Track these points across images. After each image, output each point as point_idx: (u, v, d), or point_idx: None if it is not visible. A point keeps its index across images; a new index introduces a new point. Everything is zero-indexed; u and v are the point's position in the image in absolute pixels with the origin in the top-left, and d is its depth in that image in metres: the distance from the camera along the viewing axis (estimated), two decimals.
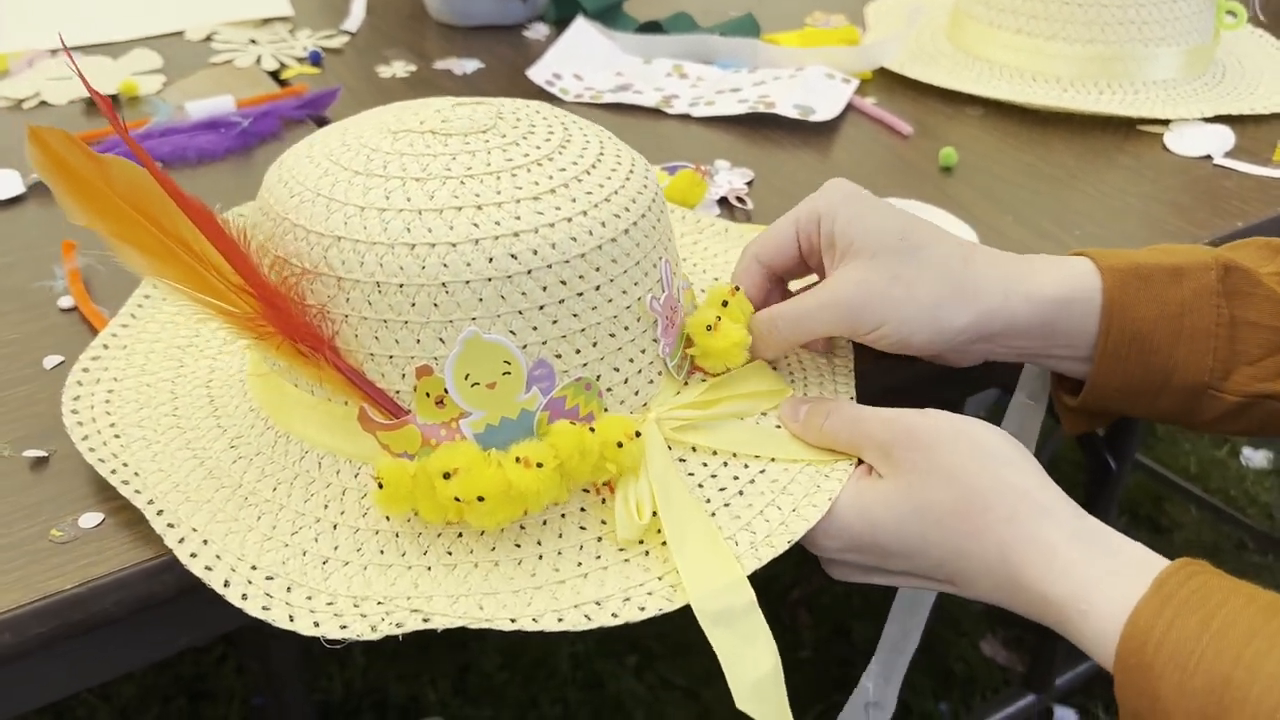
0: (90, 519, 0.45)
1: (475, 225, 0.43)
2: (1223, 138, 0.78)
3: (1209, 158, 0.76)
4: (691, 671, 1.28)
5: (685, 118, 0.82)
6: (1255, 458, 1.63)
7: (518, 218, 0.44)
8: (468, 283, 0.43)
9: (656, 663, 1.29)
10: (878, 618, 0.63)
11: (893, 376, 0.55)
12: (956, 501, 0.43)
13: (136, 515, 0.44)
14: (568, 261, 0.44)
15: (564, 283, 0.44)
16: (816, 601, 1.38)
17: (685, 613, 0.42)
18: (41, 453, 0.49)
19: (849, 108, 0.83)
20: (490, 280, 0.43)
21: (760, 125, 0.80)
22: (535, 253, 0.43)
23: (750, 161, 0.75)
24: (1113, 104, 0.81)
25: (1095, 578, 0.40)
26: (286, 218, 0.45)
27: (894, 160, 0.76)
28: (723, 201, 0.70)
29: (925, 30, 0.94)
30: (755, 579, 0.43)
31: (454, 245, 0.43)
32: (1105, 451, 1.02)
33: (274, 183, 0.47)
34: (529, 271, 0.43)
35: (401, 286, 0.43)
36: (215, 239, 0.42)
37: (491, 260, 0.43)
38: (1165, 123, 0.80)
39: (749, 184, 0.72)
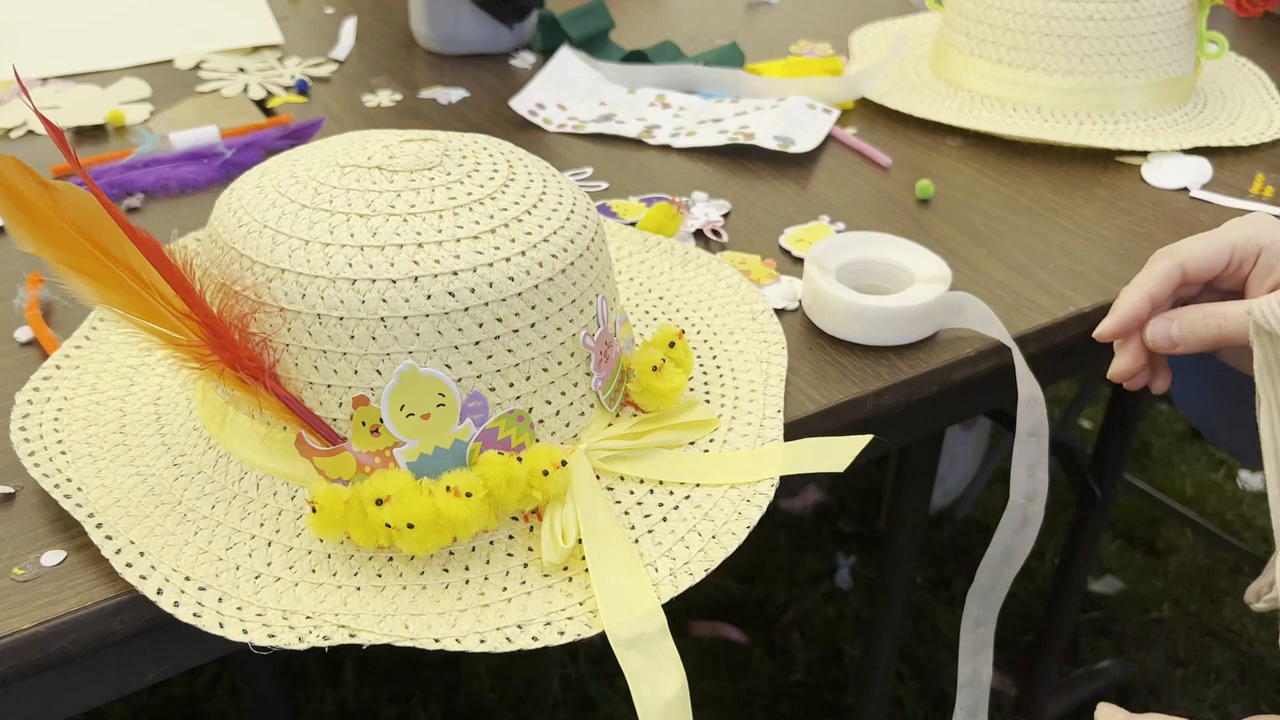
0: (52, 557, 0.46)
1: (415, 263, 0.45)
2: (1200, 170, 0.79)
3: (1186, 190, 0.78)
4: None
5: (666, 148, 0.84)
6: (1252, 481, 1.63)
7: (457, 256, 0.46)
8: (405, 318, 0.45)
9: None
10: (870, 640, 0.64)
11: (860, 410, 0.57)
12: None
13: (98, 553, 0.45)
14: (504, 300, 0.46)
15: (500, 320, 0.46)
16: (808, 624, 1.40)
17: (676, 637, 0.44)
18: (8, 489, 0.50)
19: (829, 139, 0.85)
20: (428, 316, 0.45)
21: (740, 156, 0.82)
22: (473, 291, 0.45)
23: (729, 193, 0.77)
24: (1092, 135, 0.82)
25: None
26: (233, 247, 0.47)
27: (872, 192, 0.78)
28: (698, 234, 0.72)
29: (909, 60, 0.96)
30: (746, 602, 0.45)
31: (394, 281, 0.45)
32: (1090, 478, 1.02)
33: (224, 211, 0.49)
34: (466, 309, 0.45)
35: (341, 319, 0.45)
36: (161, 267, 0.44)
37: (430, 297, 0.45)
38: (1144, 154, 0.82)
39: (725, 215, 0.74)
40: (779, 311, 0.63)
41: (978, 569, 0.64)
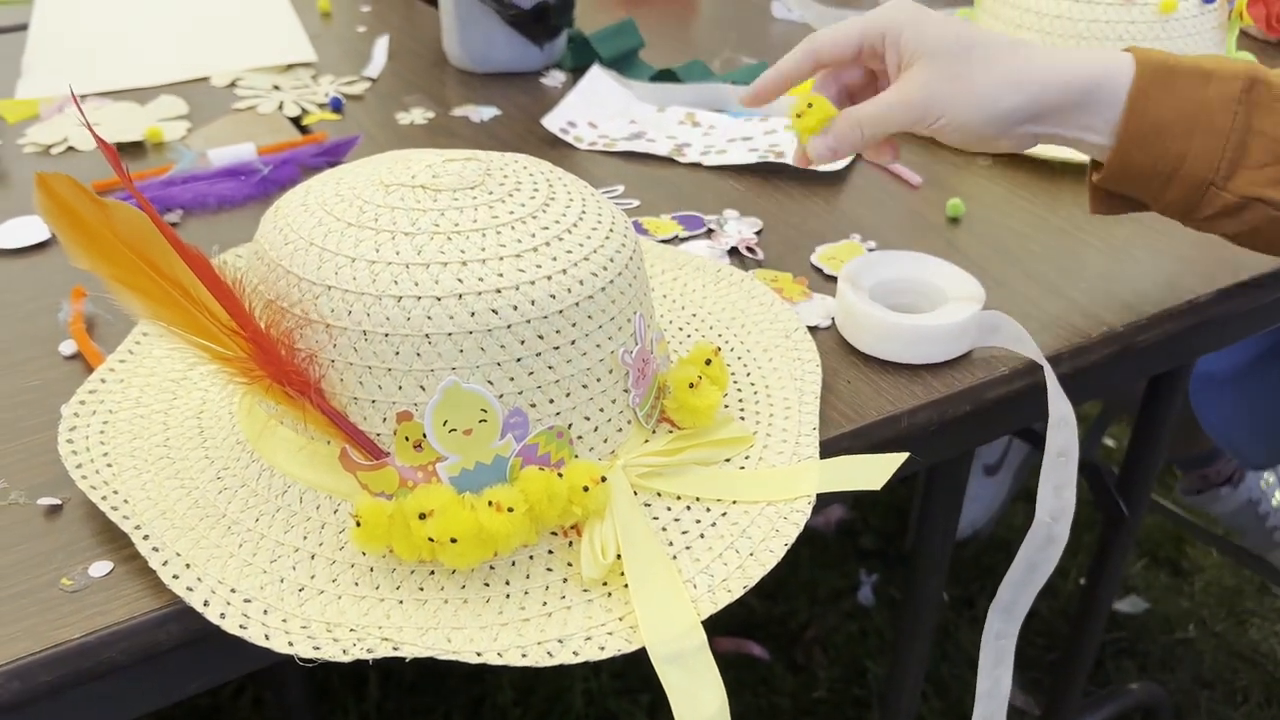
0: (100, 568, 0.47)
1: (459, 280, 0.46)
2: None
3: None
4: None
5: (696, 166, 0.85)
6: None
7: (500, 274, 0.46)
8: (449, 335, 0.45)
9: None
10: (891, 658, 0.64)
11: (894, 428, 0.58)
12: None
13: (145, 565, 0.46)
14: (545, 317, 0.47)
15: (541, 337, 0.47)
16: (830, 641, 1.39)
17: None
18: (55, 500, 0.50)
19: (858, 158, 0.86)
20: (471, 333, 0.45)
21: (770, 174, 0.83)
22: (515, 308, 0.46)
23: (759, 211, 0.78)
24: None
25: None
26: (280, 264, 0.48)
27: (902, 211, 0.78)
28: (733, 252, 0.72)
29: None
30: (769, 619, 0.45)
31: (438, 299, 0.45)
32: (1118, 496, 1.02)
33: (270, 229, 0.50)
34: (508, 326, 0.46)
35: (387, 336, 0.45)
36: (210, 284, 0.45)
37: (473, 314, 0.45)
38: None
39: (758, 233, 0.75)
40: (812, 329, 0.63)
41: (1001, 584, 0.64)
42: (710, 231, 0.74)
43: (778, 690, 1.33)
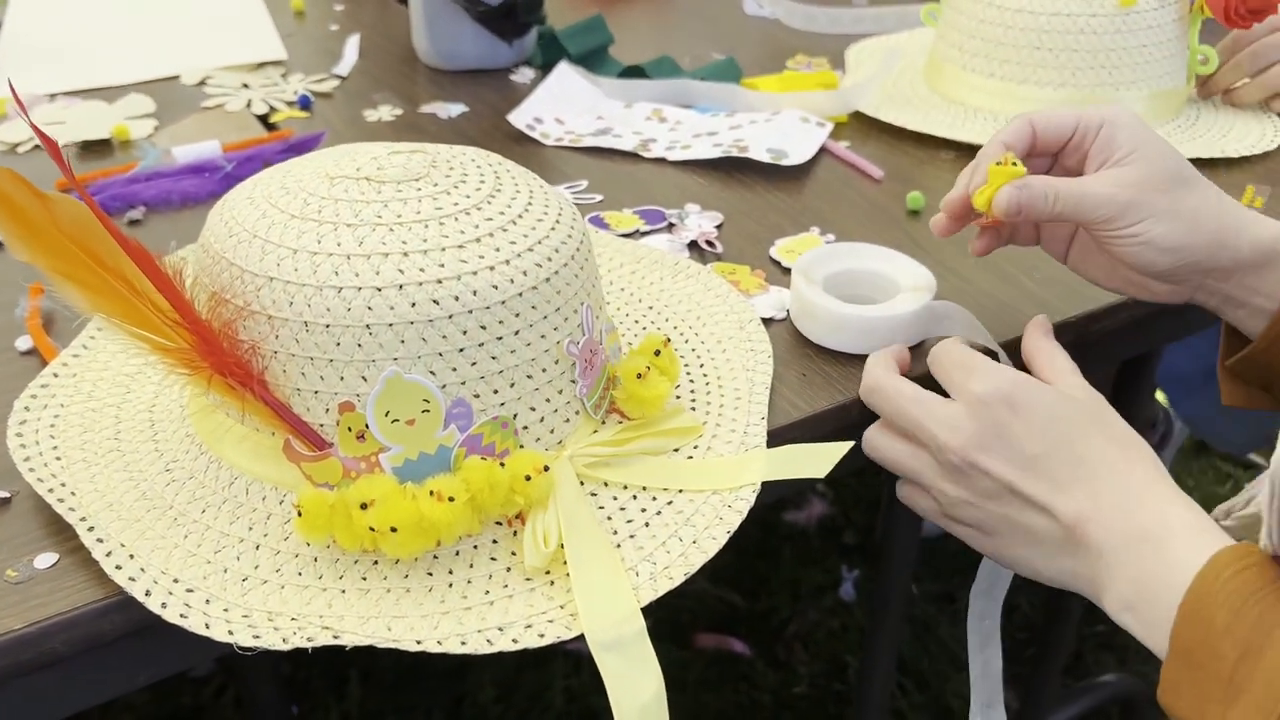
0: (45, 559, 0.47)
1: (400, 271, 0.46)
2: None
3: None
4: (685, 707, 1.29)
5: (661, 161, 0.85)
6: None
7: (441, 265, 0.47)
8: (390, 325, 0.45)
9: None
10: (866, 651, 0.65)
11: (844, 418, 0.58)
12: (1124, 438, 0.51)
13: (89, 556, 0.46)
14: (488, 307, 0.47)
15: (484, 327, 0.47)
16: (812, 637, 1.40)
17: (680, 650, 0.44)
18: (4, 493, 0.51)
19: (822, 151, 0.86)
20: (412, 323, 0.46)
21: (733, 169, 0.83)
22: (456, 299, 0.46)
23: (722, 205, 0.78)
24: None
25: (1205, 518, 0.48)
26: (224, 256, 0.48)
27: (862, 203, 0.79)
28: (693, 245, 0.73)
29: (904, 74, 0.97)
30: (750, 615, 0.45)
31: (379, 290, 0.46)
32: None
33: (215, 222, 0.50)
34: (450, 316, 0.46)
35: (328, 327, 0.45)
36: (152, 276, 0.45)
37: (414, 305, 0.46)
38: None
39: (718, 227, 0.75)
40: (766, 321, 0.64)
41: (979, 568, 0.65)
42: (671, 225, 0.75)
43: (759, 686, 1.34)
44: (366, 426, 0.46)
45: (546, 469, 0.47)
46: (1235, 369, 0.59)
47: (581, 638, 0.44)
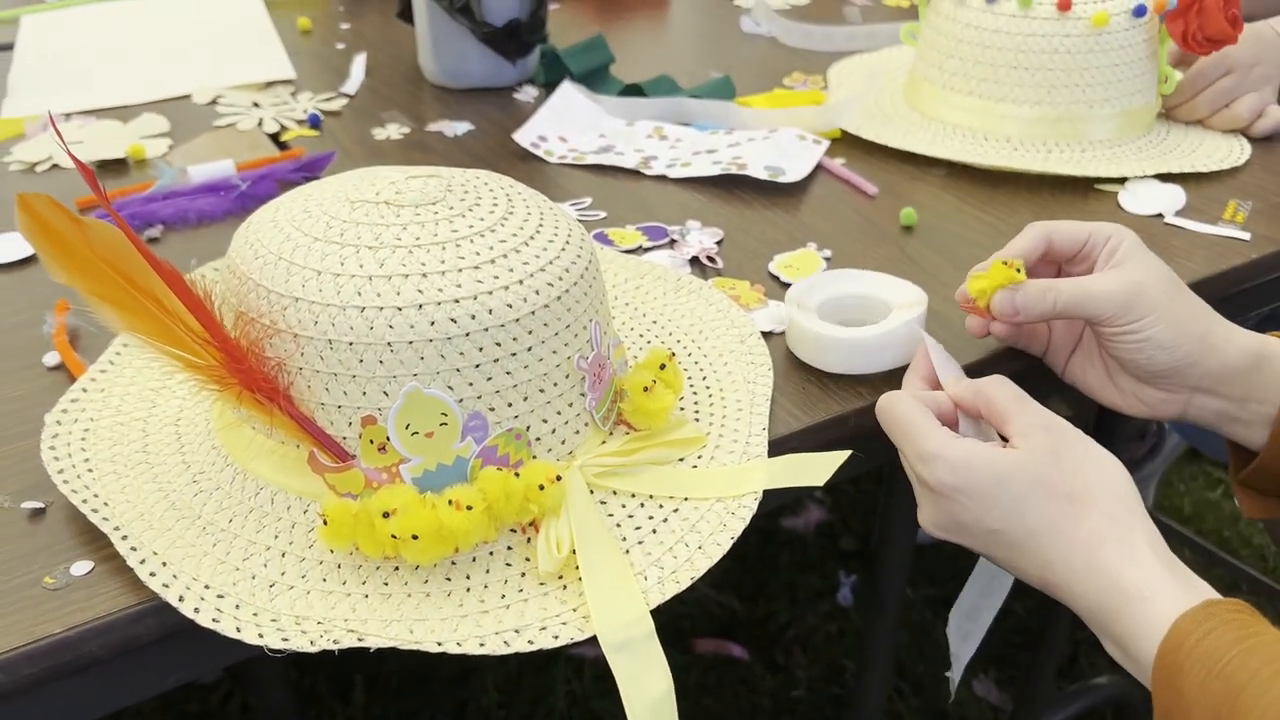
0: (81, 567, 0.49)
1: (420, 291, 0.48)
2: (1174, 197, 0.83)
3: (1161, 216, 0.81)
4: (685, 711, 1.31)
5: (662, 178, 0.87)
6: None
7: (459, 285, 0.49)
8: (410, 343, 0.48)
9: None
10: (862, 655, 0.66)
11: (841, 428, 0.60)
12: (1073, 489, 0.50)
13: (123, 564, 0.48)
14: (503, 325, 0.49)
15: (499, 344, 0.49)
16: (810, 641, 1.42)
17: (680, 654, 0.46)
18: (39, 504, 0.53)
19: (818, 168, 0.89)
20: (431, 341, 0.48)
21: (732, 186, 0.86)
22: (473, 317, 0.49)
23: (721, 221, 0.80)
24: (1060, 163, 0.86)
25: (1163, 578, 0.48)
26: (250, 277, 0.50)
27: (858, 220, 0.81)
28: (694, 261, 0.75)
29: (885, 91, 1.00)
30: (749, 619, 0.47)
31: (399, 309, 0.48)
32: None
33: (241, 244, 0.53)
34: (467, 334, 0.49)
35: (351, 344, 0.48)
36: (183, 297, 0.48)
37: (433, 323, 0.48)
38: (1121, 182, 0.85)
39: (719, 243, 0.77)
40: (766, 335, 0.66)
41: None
42: (673, 242, 0.77)
43: (757, 690, 1.36)
44: (388, 439, 0.49)
45: (559, 479, 0.50)
46: (1249, 481, 0.60)
47: (592, 639, 0.47)
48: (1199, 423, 0.60)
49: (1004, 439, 0.54)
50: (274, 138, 0.95)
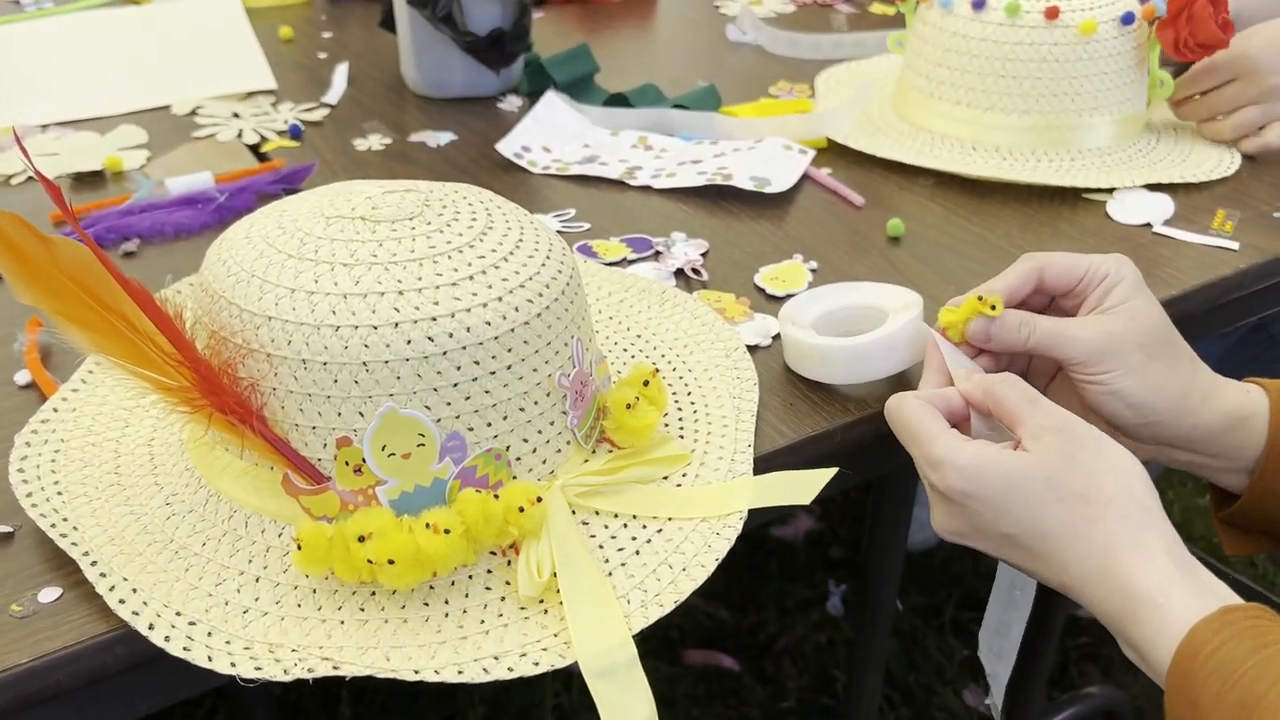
0: (49, 593, 0.48)
1: (396, 309, 0.47)
2: (1162, 206, 0.82)
3: (1149, 225, 0.80)
4: None
5: (647, 189, 0.86)
6: None
7: (436, 303, 0.48)
8: (386, 362, 0.47)
9: None
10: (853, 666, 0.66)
11: (829, 443, 0.59)
12: (1087, 491, 0.49)
13: (93, 590, 0.47)
14: (481, 343, 0.48)
15: (477, 363, 0.48)
16: (800, 651, 1.41)
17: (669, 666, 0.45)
18: (7, 528, 0.52)
19: (804, 179, 0.88)
20: (407, 360, 0.47)
21: (718, 196, 0.85)
22: (451, 335, 0.48)
23: (707, 232, 0.79)
24: (1049, 173, 0.85)
25: (1179, 583, 0.46)
26: (223, 295, 0.49)
27: (844, 231, 0.80)
28: (679, 273, 0.74)
29: (874, 101, 0.99)
30: (739, 630, 0.46)
31: (375, 328, 0.47)
32: None
33: (214, 261, 0.51)
34: (444, 353, 0.47)
35: (325, 364, 0.47)
36: (153, 315, 0.46)
37: (409, 342, 0.47)
38: (1109, 191, 0.84)
39: (704, 255, 0.76)
40: (752, 348, 0.65)
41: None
42: (658, 254, 0.76)
43: (747, 701, 1.35)
44: (363, 460, 0.47)
45: (539, 500, 0.49)
46: (1230, 520, 0.59)
47: (575, 664, 0.46)
48: (1172, 467, 0.59)
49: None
50: (254, 149, 0.94)
